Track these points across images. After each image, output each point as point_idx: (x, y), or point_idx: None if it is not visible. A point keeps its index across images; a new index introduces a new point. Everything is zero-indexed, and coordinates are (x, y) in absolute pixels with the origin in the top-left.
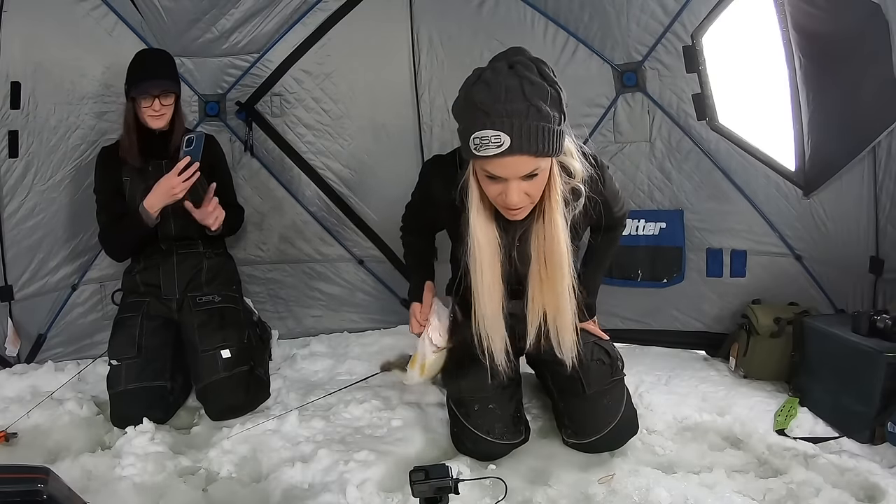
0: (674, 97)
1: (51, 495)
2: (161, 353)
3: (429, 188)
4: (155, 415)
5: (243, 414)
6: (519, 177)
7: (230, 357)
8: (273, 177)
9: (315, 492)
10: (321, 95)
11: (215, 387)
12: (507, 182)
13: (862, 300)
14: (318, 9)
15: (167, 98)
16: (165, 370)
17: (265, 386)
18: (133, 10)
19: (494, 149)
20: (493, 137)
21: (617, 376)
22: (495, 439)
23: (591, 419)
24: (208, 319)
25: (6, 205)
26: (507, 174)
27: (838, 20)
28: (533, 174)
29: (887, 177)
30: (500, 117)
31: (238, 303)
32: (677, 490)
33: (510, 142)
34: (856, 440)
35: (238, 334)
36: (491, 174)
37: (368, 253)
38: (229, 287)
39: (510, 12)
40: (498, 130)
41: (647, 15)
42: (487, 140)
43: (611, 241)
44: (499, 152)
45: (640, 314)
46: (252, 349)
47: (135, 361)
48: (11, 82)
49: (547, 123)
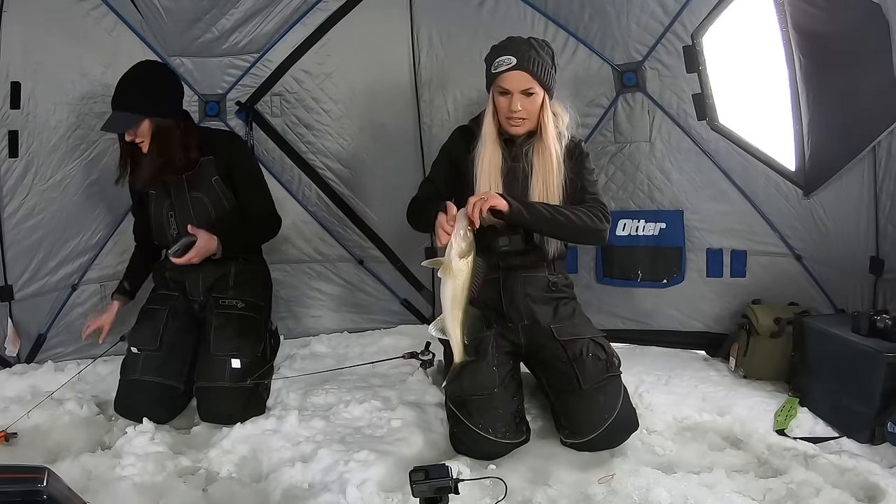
0: (674, 97)
1: (51, 495)
2: (181, 353)
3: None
4: (159, 413)
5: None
6: (520, 90)
7: (239, 368)
8: (273, 177)
9: (315, 492)
10: (321, 95)
11: (216, 393)
12: (513, 95)
13: (862, 300)
14: (318, 9)
15: (130, 134)
16: (182, 373)
17: (263, 402)
18: (133, 10)
19: (505, 66)
20: (506, 59)
21: (612, 373)
22: (497, 438)
23: (586, 416)
24: (226, 323)
25: (6, 205)
26: (512, 86)
27: (838, 20)
28: (529, 92)
29: (887, 177)
30: (512, 48)
31: (261, 312)
32: (677, 490)
33: (516, 61)
34: (856, 440)
35: (253, 347)
36: (502, 88)
37: (368, 253)
38: (256, 295)
39: (510, 12)
40: (509, 55)
41: (647, 15)
42: (501, 61)
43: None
44: (508, 67)
45: (640, 314)
46: (262, 365)
47: (155, 354)
48: (11, 82)
49: (542, 60)
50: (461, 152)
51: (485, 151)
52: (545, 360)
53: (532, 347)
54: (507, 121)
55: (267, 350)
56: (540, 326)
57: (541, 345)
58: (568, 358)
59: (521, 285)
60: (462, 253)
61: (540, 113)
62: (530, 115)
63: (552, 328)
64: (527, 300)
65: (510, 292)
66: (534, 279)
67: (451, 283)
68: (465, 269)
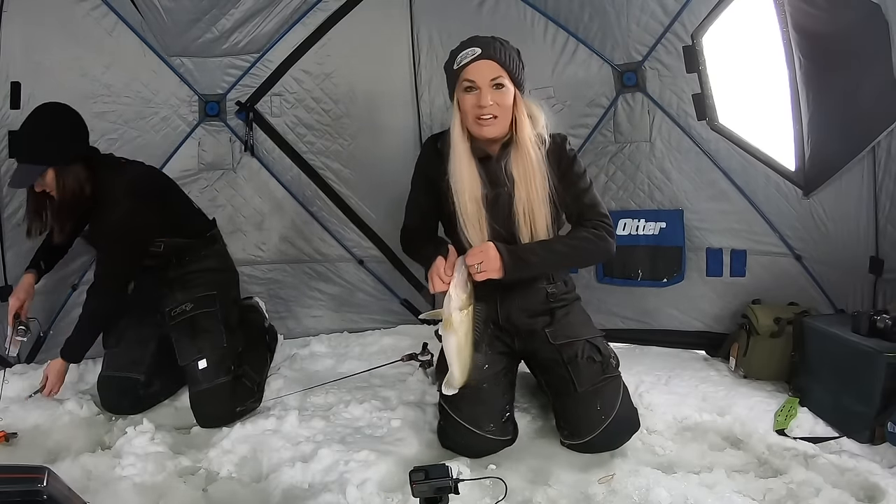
0: (674, 97)
1: (51, 495)
2: (138, 347)
3: (422, 162)
4: (123, 404)
5: (232, 422)
6: (489, 80)
7: (207, 367)
8: (273, 177)
9: (315, 492)
10: (321, 95)
11: (198, 398)
12: (481, 89)
13: (862, 300)
14: (318, 9)
15: (37, 185)
16: (140, 363)
17: (254, 394)
18: (133, 10)
19: (470, 57)
20: (469, 51)
21: (610, 374)
22: (483, 433)
23: (583, 418)
24: (181, 332)
25: (6, 205)
26: (480, 77)
27: (838, 20)
28: (499, 83)
29: (887, 177)
30: (477, 41)
31: (214, 302)
32: (677, 490)
33: (481, 50)
34: (856, 440)
35: (211, 341)
36: (468, 81)
37: (368, 253)
38: (205, 287)
39: (510, 12)
40: (473, 46)
41: (647, 15)
42: (465, 54)
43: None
44: (473, 58)
45: (640, 314)
46: (233, 351)
47: (113, 352)
48: (11, 82)
49: (509, 52)
50: (437, 171)
51: (462, 177)
52: (542, 363)
53: (528, 351)
54: (476, 122)
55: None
56: (536, 333)
57: (536, 348)
58: (563, 361)
59: (519, 300)
60: (462, 305)
61: (513, 113)
62: (502, 113)
63: (546, 332)
64: (523, 315)
65: (507, 309)
66: (532, 292)
67: (453, 337)
68: (466, 320)
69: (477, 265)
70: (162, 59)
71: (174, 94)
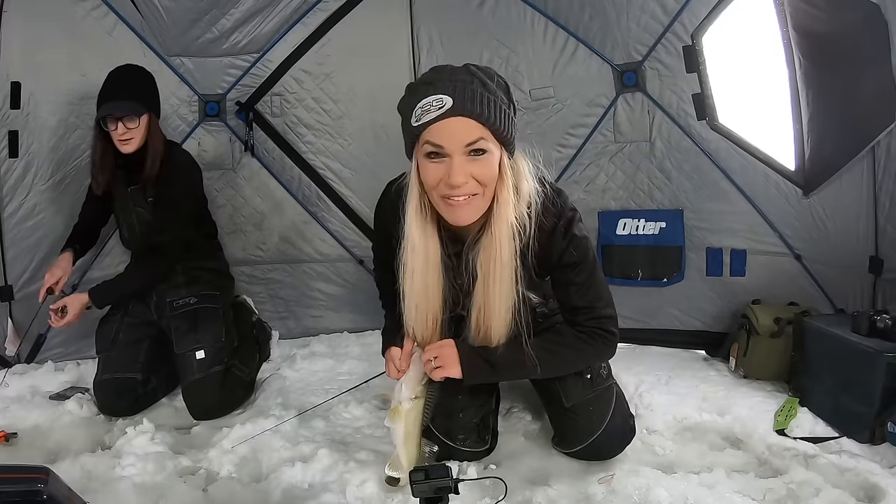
0: (674, 97)
1: (51, 495)
2: (134, 347)
3: (379, 212)
4: (121, 405)
5: (224, 414)
6: (463, 147)
7: (204, 358)
8: (273, 177)
9: (315, 492)
10: (321, 95)
11: (192, 388)
12: (451, 158)
13: (862, 300)
14: (318, 9)
15: (131, 121)
16: (136, 363)
17: (244, 384)
18: (133, 10)
19: (436, 111)
20: (435, 101)
21: (599, 387)
22: (456, 445)
23: (571, 430)
24: (184, 321)
25: (6, 205)
26: (450, 143)
27: (838, 20)
28: (479, 149)
29: (887, 176)
30: (444, 83)
31: (217, 300)
32: (677, 490)
33: (452, 102)
34: (856, 440)
35: (212, 333)
36: (434, 146)
37: (368, 253)
38: (210, 287)
39: (510, 12)
40: (440, 94)
41: (647, 15)
42: (429, 105)
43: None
44: (440, 113)
45: (640, 313)
46: (230, 347)
47: (108, 355)
48: (11, 82)
49: (493, 96)
50: (394, 226)
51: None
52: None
53: None
54: (443, 202)
55: (232, 333)
56: None
57: None
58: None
59: None
60: (414, 395)
61: (496, 187)
62: (484, 190)
63: None
64: None
65: None
66: None
67: (401, 426)
68: (416, 408)
69: (432, 360)
70: (162, 59)
71: (174, 94)
